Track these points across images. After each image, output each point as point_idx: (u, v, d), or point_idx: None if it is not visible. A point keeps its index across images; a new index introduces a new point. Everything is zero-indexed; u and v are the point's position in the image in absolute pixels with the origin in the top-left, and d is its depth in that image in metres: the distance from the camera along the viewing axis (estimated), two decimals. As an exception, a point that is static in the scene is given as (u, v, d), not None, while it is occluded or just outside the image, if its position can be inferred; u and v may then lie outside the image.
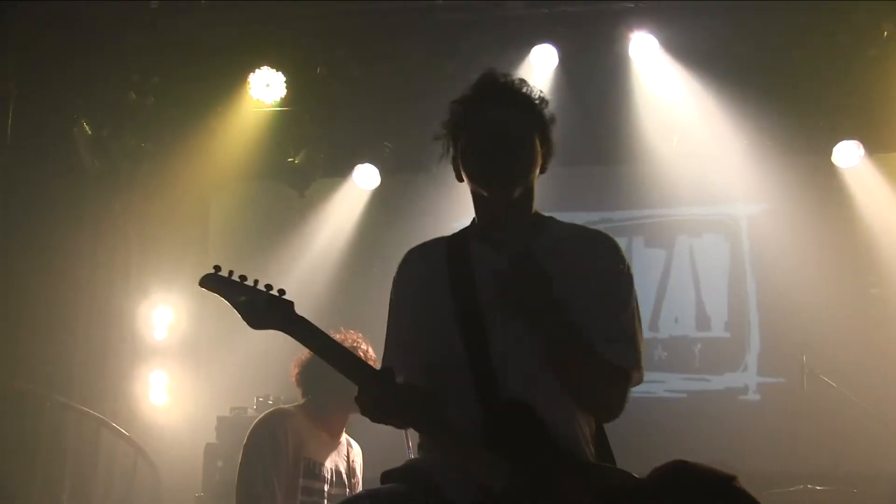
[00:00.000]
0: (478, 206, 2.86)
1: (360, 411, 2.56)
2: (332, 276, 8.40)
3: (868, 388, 7.13)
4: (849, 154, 7.66)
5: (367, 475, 4.63)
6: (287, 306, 2.67)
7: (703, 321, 8.39)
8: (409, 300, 2.86)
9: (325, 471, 4.41)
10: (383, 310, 2.94)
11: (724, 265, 8.45)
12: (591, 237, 2.85)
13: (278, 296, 2.69)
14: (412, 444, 4.06)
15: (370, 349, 4.36)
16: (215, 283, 2.74)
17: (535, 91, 2.86)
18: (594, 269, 2.74)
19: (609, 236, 2.86)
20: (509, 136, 2.73)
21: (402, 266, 2.93)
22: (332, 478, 4.44)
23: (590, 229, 2.89)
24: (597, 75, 7.50)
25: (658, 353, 8.22)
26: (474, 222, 2.89)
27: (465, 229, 2.91)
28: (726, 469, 2.39)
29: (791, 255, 7.91)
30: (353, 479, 4.57)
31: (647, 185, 8.23)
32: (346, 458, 4.58)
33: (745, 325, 8.28)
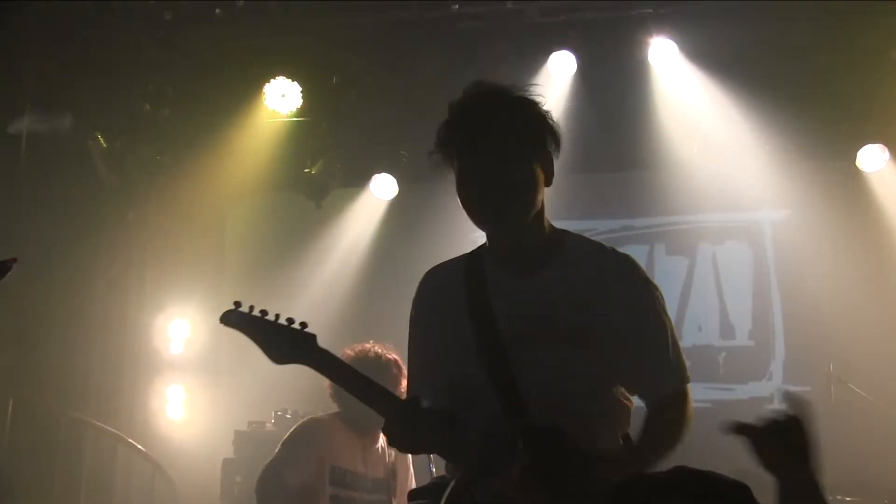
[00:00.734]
0: (487, 234, 2.84)
1: (388, 442, 2.60)
2: (350, 287, 8.41)
3: (897, 396, 7.09)
4: (873, 158, 7.62)
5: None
6: (309, 340, 2.71)
7: (727, 329, 8.36)
8: (430, 322, 2.87)
9: (358, 479, 4.45)
10: (403, 321, 2.96)
11: (747, 272, 8.42)
12: (612, 258, 2.81)
13: (300, 329, 2.72)
14: (433, 458, 4.12)
15: (399, 358, 4.44)
16: (236, 319, 2.81)
17: (529, 105, 2.76)
18: (620, 294, 2.71)
19: (628, 255, 2.82)
20: (503, 177, 2.65)
21: (422, 287, 2.94)
22: (368, 485, 4.48)
23: (607, 248, 2.84)
24: (616, 81, 7.49)
25: (681, 363, 8.18)
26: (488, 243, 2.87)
27: (480, 249, 2.90)
28: (752, 480, 2.39)
29: (816, 262, 7.86)
30: (394, 483, 4.60)
31: (668, 192, 8.21)
32: (385, 462, 4.61)
33: (770, 334, 8.25)
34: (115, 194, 7.83)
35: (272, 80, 7.43)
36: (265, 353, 2.74)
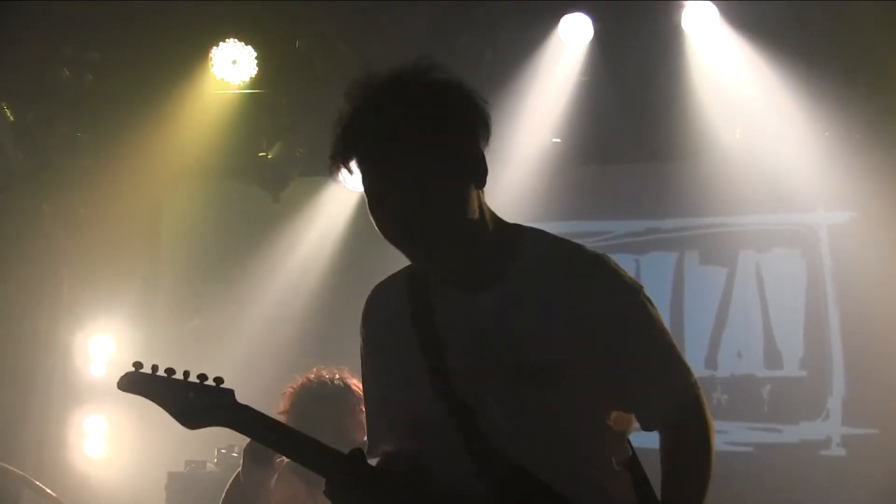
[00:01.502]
0: None
1: None
2: (313, 297, 8.41)
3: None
4: (955, 151, 7.66)
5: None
6: (226, 396, 2.76)
7: (772, 357, 8.38)
8: (379, 349, 2.90)
9: None
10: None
11: (799, 287, 8.44)
12: (581, 262, 2.75)
13: (215, 385, 2.77)
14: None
15: (357, 382, 4.43)
16: (136, 384, 2.86)
17: (443, 94, 2.73)
18: (598, 310, 2.66)
19: (600, 255, 2.77)
20: (421, 204, 2.60)
21: (367, 310, 2.97)
22: None
23: (573, 248, 2.78)
24: (641, 52, 7.50)
25: (717, 397, 8.20)
26: None
27: None
28: None
29: (884, 274, 7.88)
30: None
31: (703, 188, 8.22)
32: None
33: (827, 362, 8.26)
34: (26, 180, 7.80)
35: (221, 43, 7.42)
36: (176, 419, 2.80)
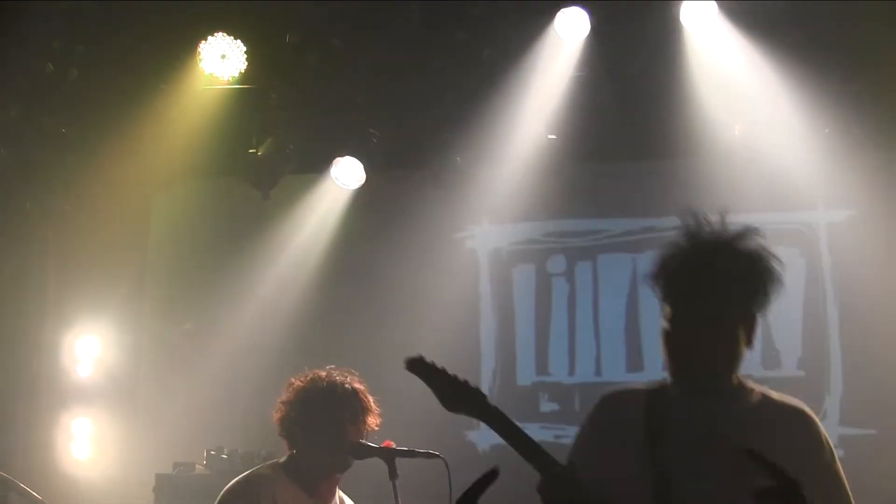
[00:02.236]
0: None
1: (542, 500, 3.13)
2: (304, 298, 8.38)
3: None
4: (957, 149, 7.68)
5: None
6: (481, 395, 3.34)
7: (770, 357, 8.38)
8: (605, 445, 3.40)
9: None
10: (367, 336, 2.97)
11: (797, 286, 8.44)
12: (795, 414, 3.33)
13: (476, 388, 3.35)
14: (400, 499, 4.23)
15: (364, 389, 4.46)
16: (421, 367, 3.40)
17: (758, 262, 3.28)
18: (812, 462, 3.20)
19: (804, 410, 3.34)
20: (714, 336, 3.24)
21: (603, 409, 3.50)
22: None
23: (785, 400, 3.37)
24: (639, 47, 7.50)
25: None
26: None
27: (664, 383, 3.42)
28: None
29: (883, 274, 7.91)
30: None
31: (701, 186, 8.20)
32: None
33: (825, 362, 8.27)
34: (10, 177, 7.78)
35: (209, 37, 7.43)
36: (440, 402, 3.32)
